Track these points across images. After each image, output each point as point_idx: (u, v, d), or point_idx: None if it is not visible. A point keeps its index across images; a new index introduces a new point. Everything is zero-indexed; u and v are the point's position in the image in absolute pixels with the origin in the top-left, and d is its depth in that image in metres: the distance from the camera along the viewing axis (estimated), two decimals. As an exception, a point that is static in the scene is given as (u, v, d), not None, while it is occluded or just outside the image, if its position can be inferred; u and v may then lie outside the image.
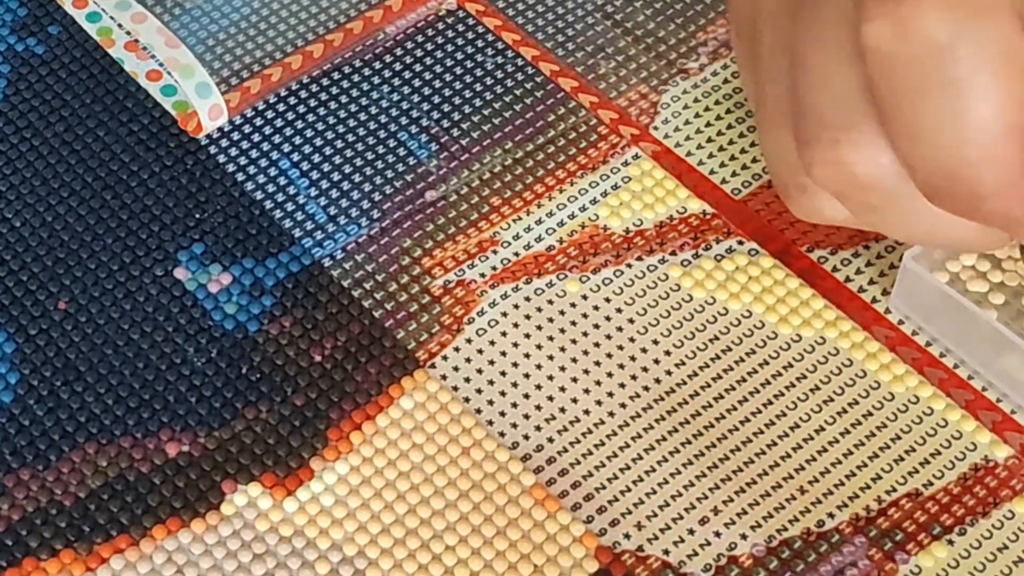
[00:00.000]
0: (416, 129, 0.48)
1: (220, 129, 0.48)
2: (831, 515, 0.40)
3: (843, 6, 0.36)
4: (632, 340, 0.43)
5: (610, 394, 0.42)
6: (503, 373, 0.43)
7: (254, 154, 0.47)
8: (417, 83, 0.49)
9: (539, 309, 0.44)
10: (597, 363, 0.43)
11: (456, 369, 0.43)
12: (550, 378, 0.43)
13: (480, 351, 0.43)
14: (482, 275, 0.45)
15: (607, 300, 0.44)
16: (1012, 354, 0.41)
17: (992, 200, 0.34)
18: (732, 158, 0.47)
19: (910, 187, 0.36)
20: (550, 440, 0.42)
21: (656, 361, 0.43)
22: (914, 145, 0.34)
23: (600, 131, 0.47)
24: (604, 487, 0.41)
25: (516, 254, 0.45)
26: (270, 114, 0.48)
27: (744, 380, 0.42)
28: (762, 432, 0.41)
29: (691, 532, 0.40)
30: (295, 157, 0.47)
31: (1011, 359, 0.41)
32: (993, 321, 0.42)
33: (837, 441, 0.41)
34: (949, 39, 0.33)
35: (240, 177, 0.47)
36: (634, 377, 0.42)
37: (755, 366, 0.43)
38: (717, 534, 0.40)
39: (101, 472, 0.41)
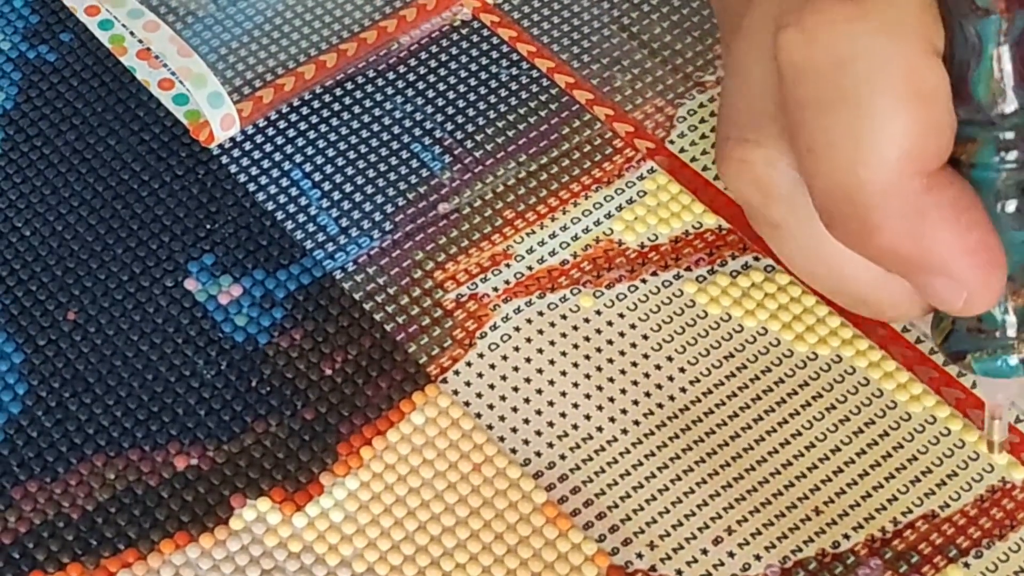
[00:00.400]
0: (429, 141, 0.47)
1: (232, 139, 0.47)
2: (846, 536, 0.40)
3: (770, 7, 0.35)
4: (646, 356, 0.43)
5: (623, 411, 0.42)
6: (515, 388, 0.42)
7: (266, 164, 0.47)
8: (431, 94, 0.48)
9: (552, 324, 0.44)
10: (610, 379, 0.42)
11: (468, 384, 0.42)
12: (563, 394, 0.42)
13: (492, 366, 0.43)
14: (495, 289, 0.44)
15: (621, 316, 0.44)
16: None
17: (882, 231, 0.33)
18: (748, 173, 0.46)
19: (812, 207, 0.35)
20: (562, 457, 0.41)
21: (670, 378, 0.42)
22: (812, 159, 0.34)
23: (615, 144, 0.47)
24: (617, 506, 0.40)
25: (529, 268, 0.45)
26: (282, 124, 0.48)
27: (759, 398, 0.42)
28: (777, 451, 0.41)
29: (704, 552, 0.40)
30: (307, 168, 0.47)
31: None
32: None
33: (853, 461, 0.41)
34: (852, 53, 0.33)
35: (251, 188, 0.46)
36: (648, 394, 0.42)
37: (770, 384, 0.42)
38: (731, 554, 0.39)
39: (109, 485, 0.41)
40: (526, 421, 0.42)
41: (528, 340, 0.43)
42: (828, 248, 0.36)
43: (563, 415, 0.42)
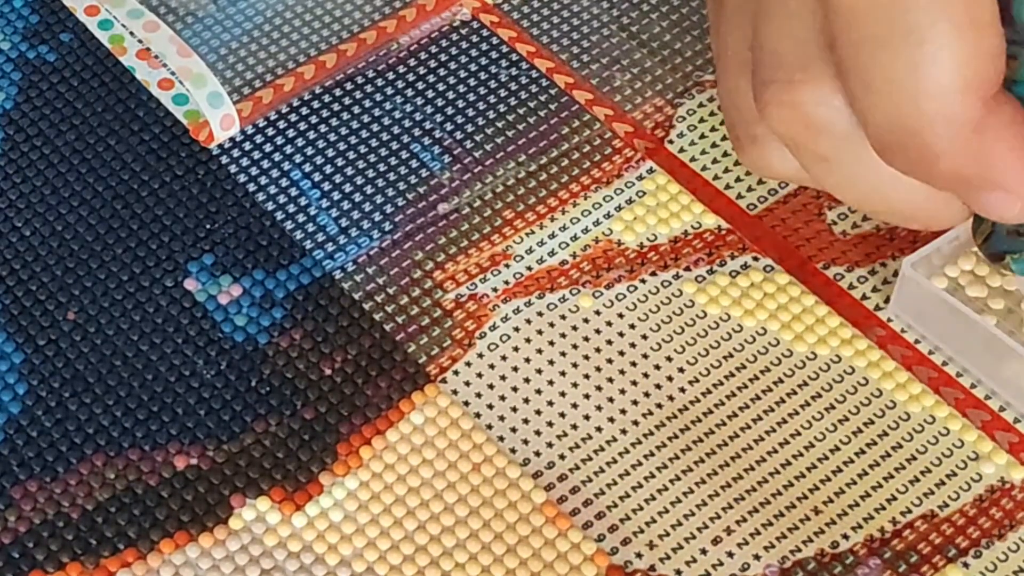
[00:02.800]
0: (429, 141, 0.47)
1: (232, 139, 0.47)
2: (846, 536, 0.40)
3: None
4: (645, 356, 0.43)
5: (623, 411, 0.42)
6: (515, 388, 0.42)
7: (266, 164, 0.47)
8: (431, 94, 0.48)
9: (551, 324, 0.44)
10: (610, 379, 0.42)
11: (467, 384, 0.42)
12: (562, 394, 0.42)
13: (492, 366, 0.43)
14: (494, 289, 0.44)
15: (620, 316, 0.44)
16: (1013, 361, 0.41)
17: (945, 158, 0.34)
18: (748, 172, 0.46)
19: (863, 138, 0.36)
20: (562, 457, 0.41)
21: (669, 378, 0.42)
22: (870, 96, 0.34)
23: (615, 144, 0.47)
24: (616, 505, 0.40)
25: (529, 268, 0.45)
26: (282, 124, 0.48)
27: (758, 398, 0.42)
28: (776, 451, 0.41)
29: (704, 552, 0.40)
30: (307, 168, 0.47)
31: (1012, 366, 0.41)
32: (992, 328, 0.41)
33: (852, 461, 0.41)
34: None
35: (251, 188, 0.46)
36: (647, 394, 0.42)
37: (770, 384, 0.42)
38: (730, 554, 0.39)
39: (109, 484, 0.41)
40: (525, 421, 0.42)
41: (527, 340, 0.43)
42: (877, 174, 0.36)
43: (562, 415, 0.42)
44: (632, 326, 0.43)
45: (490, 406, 0.42)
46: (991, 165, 0.34)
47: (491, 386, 0.42)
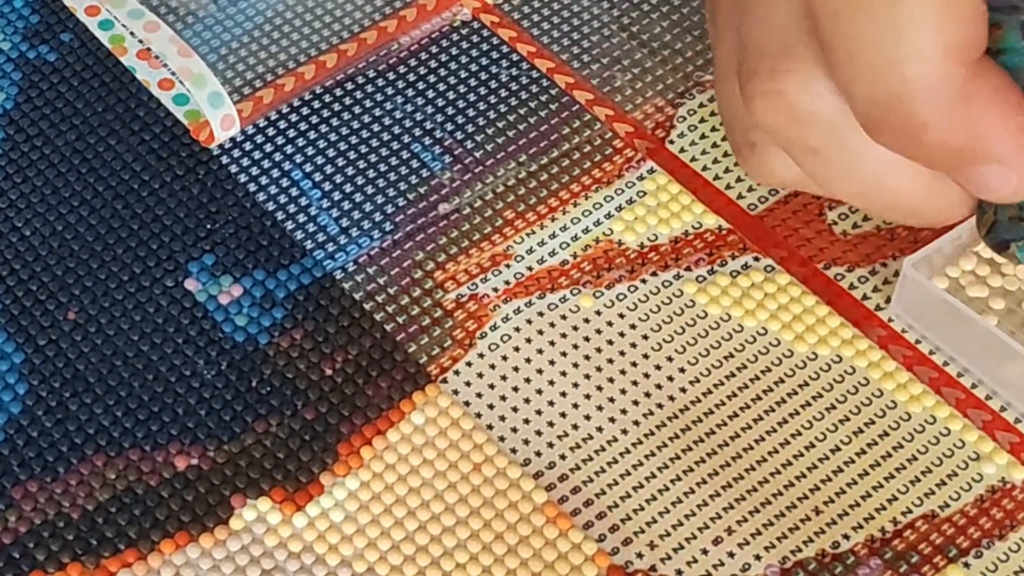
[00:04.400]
0: (430, 141, 0.47)
1: (232, 139, 0.47)
2: (846, 536, 0.40)
3: None
4: (646, 356, 0.43)
5: (623, 411, 0.42)
6: (515, 388, 0.42)
7: (266, 164, 0.47)
8: (431, 94, 0.48)
9: (552, 324, 0.44)
10: (610, 379, 0.42)
11: (468, 384, 0.42)
12: (563, 394, 0.42)
13: (492, 366, 0.43)
14: (495, 289, 0.44)
15: (621, 316, 0.44)
16: (1014, 361, 0.41)
17: (931, 127, 0.33)
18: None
19: (851, 124, 0.35)
20: (562, 457, 0.41)
21: (670, 378, 0.42)
22: (852, 67, 0.34)
23: (615, 144, 0.47)
24: (617, 505, 0.40)
25: (529, 268, 0.45)
26: (283, 124, 0.48)
27: (759, 398, 0.42)
28: (777, 451, 0.41)
29: (704, 552, 0.40)
30: (307, 168, 0.47)
31: (1013, 367, 0.41)
32: (993, 328, 0.41)
33: (853, 461, 0.41)
34: None
35: (252, 188, 0.46)
36: (648, 394, 0.42)
37: (770, 384, 0.42)
38: (731, 555, 0.39)
39: (109, 485, 0.41)
40: (526, 421, 0.42)
41: (528, 340, 0.43)
42: (871, 164, 0.36)
43: (563, 415, 0.42)
44: (633, 326, 0.43)
45: (491, 406, 0.42)
46: (980, 134, 0.33)
47: (492, 386, 0.42)
